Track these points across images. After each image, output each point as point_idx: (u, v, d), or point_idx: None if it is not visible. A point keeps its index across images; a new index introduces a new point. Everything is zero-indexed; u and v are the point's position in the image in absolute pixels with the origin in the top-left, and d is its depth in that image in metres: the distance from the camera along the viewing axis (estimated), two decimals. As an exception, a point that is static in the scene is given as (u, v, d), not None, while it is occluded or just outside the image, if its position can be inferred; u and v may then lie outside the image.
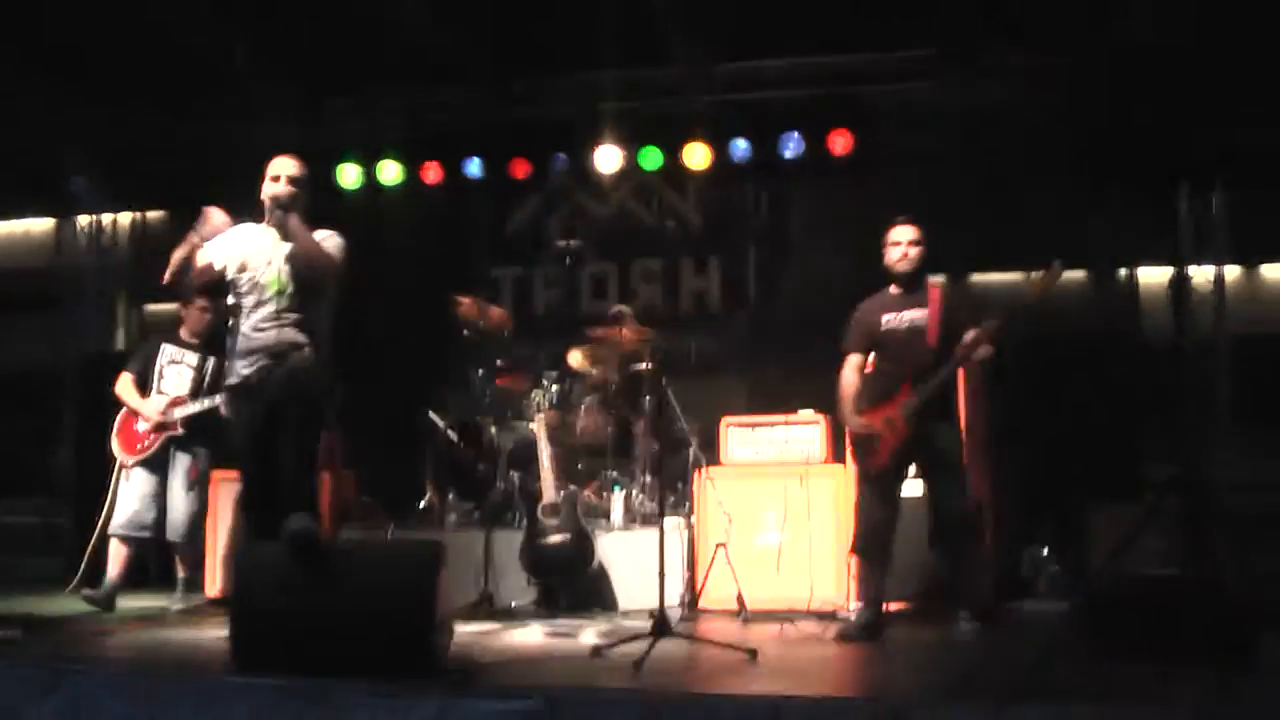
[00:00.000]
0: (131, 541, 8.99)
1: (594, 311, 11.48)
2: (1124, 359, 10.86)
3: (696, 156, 11.67)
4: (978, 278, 11.45)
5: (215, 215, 6.77)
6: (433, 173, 12.21)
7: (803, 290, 11.66)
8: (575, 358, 9.99)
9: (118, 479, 9.10)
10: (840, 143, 11.36)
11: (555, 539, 8.81)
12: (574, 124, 11.81)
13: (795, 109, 11.46)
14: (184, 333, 9.29)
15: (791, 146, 11.51)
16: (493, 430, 9.77)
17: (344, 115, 12.18)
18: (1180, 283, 11.27)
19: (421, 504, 10.10)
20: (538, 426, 9.16)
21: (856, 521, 7.81)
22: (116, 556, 8.98)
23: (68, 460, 12.51)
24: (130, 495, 9.01)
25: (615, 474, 9.67)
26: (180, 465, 9.07)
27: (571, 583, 8.87)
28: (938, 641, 7.40)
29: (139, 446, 9.05)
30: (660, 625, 6.51)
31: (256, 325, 6.68)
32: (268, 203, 6.74)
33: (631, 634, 6.62)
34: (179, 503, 9.03)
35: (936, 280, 8.31)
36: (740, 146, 11.62)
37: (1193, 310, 11.24)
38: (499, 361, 9.92)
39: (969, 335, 7.49)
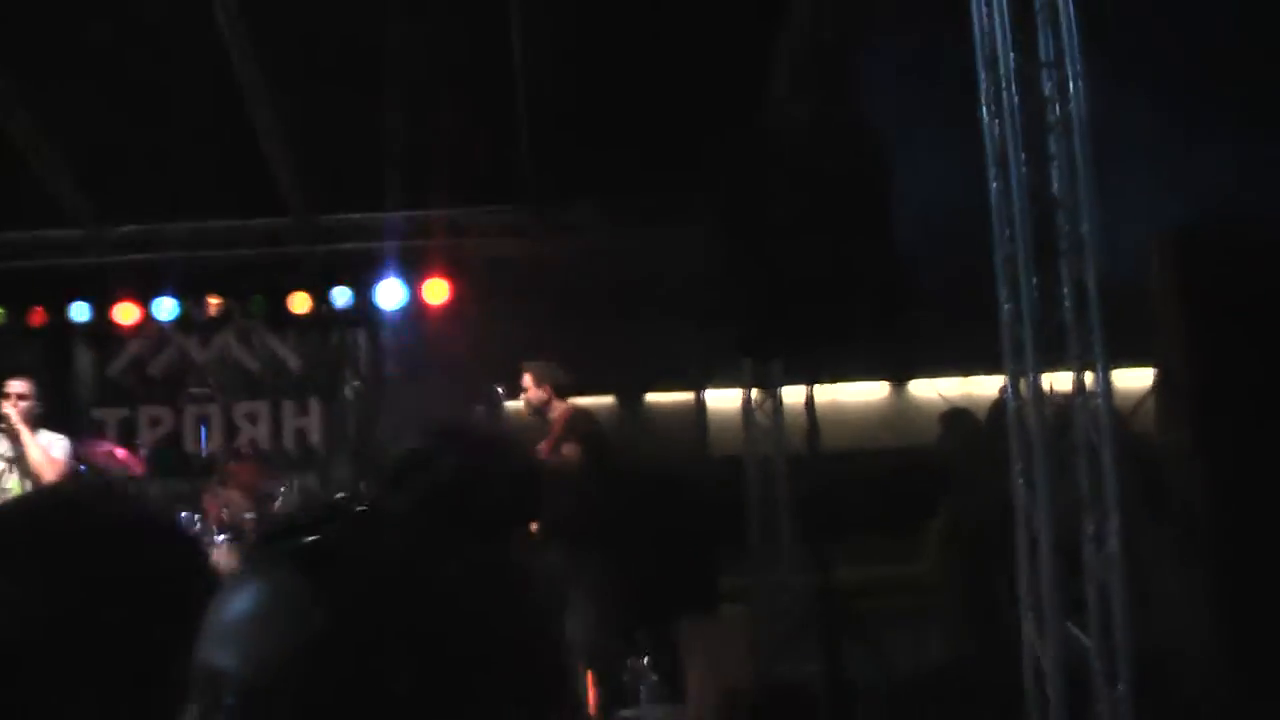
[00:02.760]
0: None
1: (197, 452, 11.95)
2: (697, 478, 12.12)
3: (297, 303, 12.26)
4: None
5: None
6: (36, 315, 12.25)
7: (401, 428, 12.38)
8: (210, 497, 10.43)
9: None
10: (436, 290, 12.19)
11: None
12: (180, 269, 12.15)
13: (393, 258, 12.22)
14: None
15: (388, 294, 12.26)
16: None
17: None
18: (746, 404, 12.56)
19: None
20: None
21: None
22: None
23: None
24: None
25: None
26: None
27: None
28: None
29: None
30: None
31: None
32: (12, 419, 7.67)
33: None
34: None
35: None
36: (340, 294, 12.27)
37: (757, 430, 12.51)
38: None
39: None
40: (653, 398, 13.42)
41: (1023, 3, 6.70)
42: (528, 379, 9.33)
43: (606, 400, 12.47)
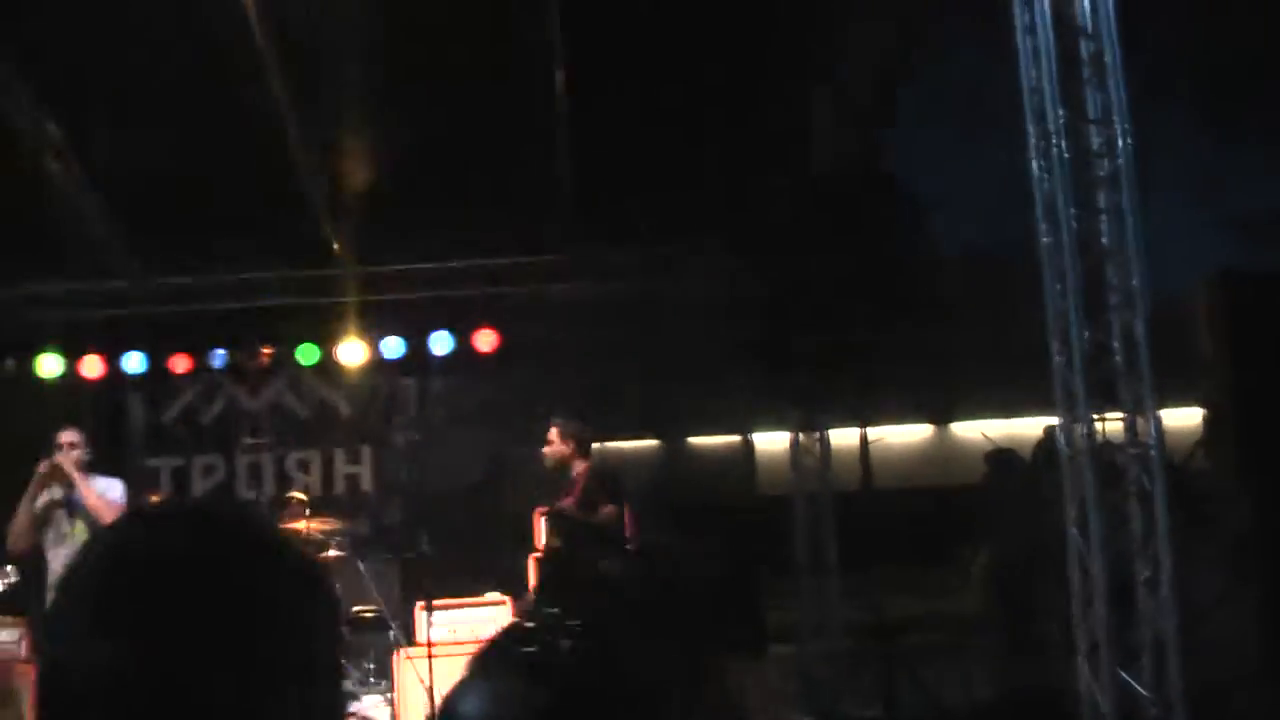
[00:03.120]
0: None
1: (251, 500, 12.16)
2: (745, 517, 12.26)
3: (351, 353, 12.44)
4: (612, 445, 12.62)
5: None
6: (92, 366, 12.44)
7: (450, 474, 12.59)
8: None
9: None
10: (485, 339, 12.37)
11: None
12: (231, 319, 12.35)
13: (443, 308, 12.42)
14: None
15: (440, 344, 12.43)
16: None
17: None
18: (795, 445, 12.71)
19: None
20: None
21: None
22: None
23: None
24: None
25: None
26: None
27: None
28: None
29: None
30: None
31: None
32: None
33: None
34: None
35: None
36: (391, 344, 12.45)
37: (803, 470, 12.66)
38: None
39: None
40: (698, 440, 13.57)
41: (1069, 59, 6.85)
42: (553, 433, 9.49)
43: (651, 444, 12.61)
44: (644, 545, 9.34)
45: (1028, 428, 15.70)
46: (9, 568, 8.68)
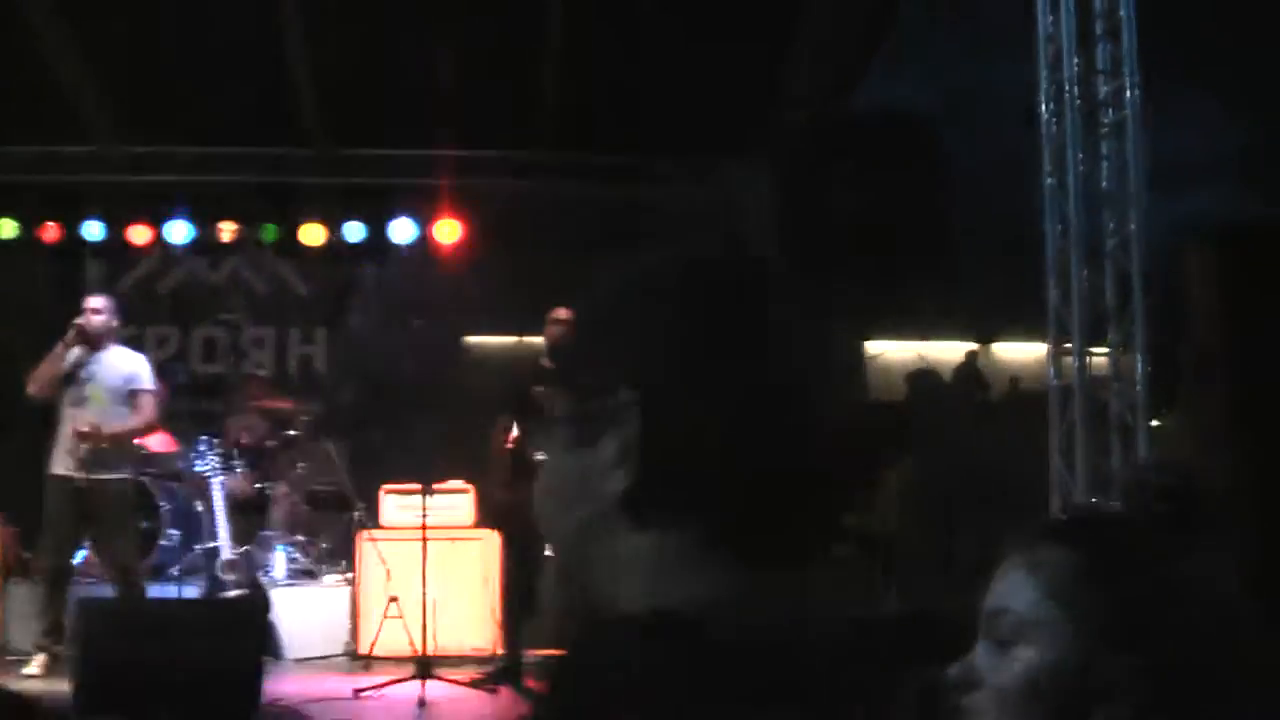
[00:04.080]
0: None
1: (205, 373, 12.23)
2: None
3: (310, 234, 12.52)
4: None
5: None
6: (50, 231, 12.42)
7: (403, 361, 12.73)
8: (233, 420, 10.75)
9: None
10: (447, 230, 12.50)
11: (236, 594, 9.56)
12: (194, 192, 12.36)
13: (407, 196, 12.51)
14: None
15: (401, 231, 12.55)
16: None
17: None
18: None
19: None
20: (216, 487, 9.83)
21: (504, 580, 9.13)
22: None
23: None
24: None
25: (273, 533, 10.47)
26: None
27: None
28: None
29: None
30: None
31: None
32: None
33: (392, 677, 7.82)
34: None
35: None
36: (353, 228, 12.53)
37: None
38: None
39: None
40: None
41: (1084, 10, 7.13)
42: (568, 313, 9.15)
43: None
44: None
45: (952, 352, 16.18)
46: None
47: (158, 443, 10.48)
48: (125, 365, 8.96)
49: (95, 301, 8.97)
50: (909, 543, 11.63)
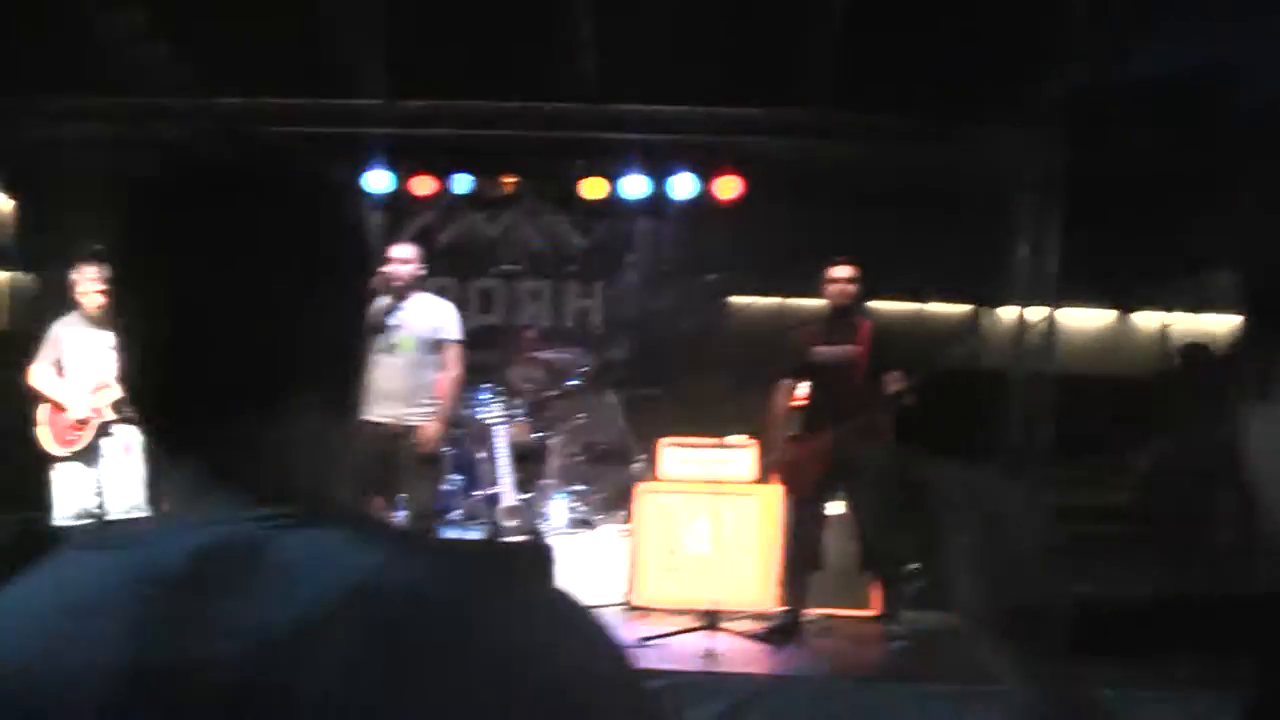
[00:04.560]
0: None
1: (480, 325, 12.34)
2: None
3: (589, 188, 12.55)
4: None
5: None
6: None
7: (680, 317, 12.73)
8: (516, 371, 10.86)
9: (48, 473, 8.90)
10: (727, 186, 12.40)
11: (519, 540, 9.64)
12: (477, 147, 12.48)
13: (686, 152, 12.44)
14: (86, 312, 8.94)
15: (681, 186, 12.48)
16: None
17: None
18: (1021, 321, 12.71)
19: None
20: (500, 435, 9.93)
21: (786, 536, 9.00)
22: None
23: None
24: (67, 487, 8.83)
25: (551, 482, 10.54)
26: (115, 445, 8.81)
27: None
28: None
29: (68, 439, 8.83)
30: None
31: None
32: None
33: (678, 628, 7.80)
34: (119, 478, 8.77)
35: (867, 316, 9.33)
36: (632, 182, 12.51)
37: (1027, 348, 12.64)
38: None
39: (894, 383, 8.63)
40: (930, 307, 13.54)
41: None
42: (850, 272, 8.96)
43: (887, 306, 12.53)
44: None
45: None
46: None
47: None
48: (433, 314, 9.16)
49: (401, 250, 9.18)
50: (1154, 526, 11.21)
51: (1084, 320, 14.14)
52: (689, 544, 9.91)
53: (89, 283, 8.87)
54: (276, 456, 1.33)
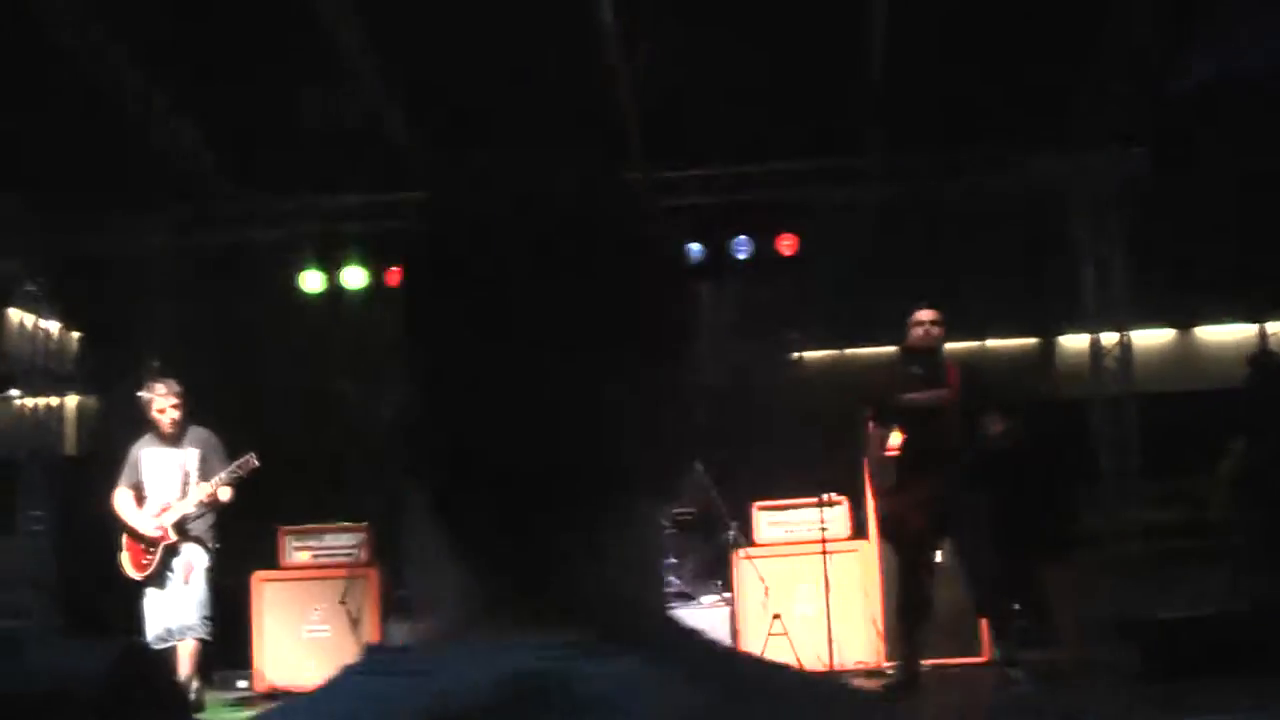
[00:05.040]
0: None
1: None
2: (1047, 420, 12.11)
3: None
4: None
5: None
6: (394, 276, 12.52)
7: (752, 377, 12.62)
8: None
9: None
10: (786, 244, 12.32)
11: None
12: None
13: (741, 213, 12.36)
14: (161, 430, 8.89)
15: (742, 248, 12.40)
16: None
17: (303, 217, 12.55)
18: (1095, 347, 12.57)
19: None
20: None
21: (898, 588, 8.83)
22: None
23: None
24: (153, 610, 8.76)
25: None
26: (180, 565, 8.79)
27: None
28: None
29: (144, 563, 8.81)
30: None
31: None
32: None
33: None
34: (182, 600, 8.75)
35: (954, 358, 9.23)
36: (693, 248, 12.40)
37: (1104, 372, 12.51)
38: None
39: (997, 428, 8.52)
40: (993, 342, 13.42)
41: None
42: (933, 315, 8.70)
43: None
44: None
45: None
46: (251, 455, 8.69)
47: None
48: None
49: None
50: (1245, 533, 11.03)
51: (1149, 339, 13.97)
52: (795, 607, 9.78)
53: (161, 399, 8.82)
54: (593, 563, 1.12)
